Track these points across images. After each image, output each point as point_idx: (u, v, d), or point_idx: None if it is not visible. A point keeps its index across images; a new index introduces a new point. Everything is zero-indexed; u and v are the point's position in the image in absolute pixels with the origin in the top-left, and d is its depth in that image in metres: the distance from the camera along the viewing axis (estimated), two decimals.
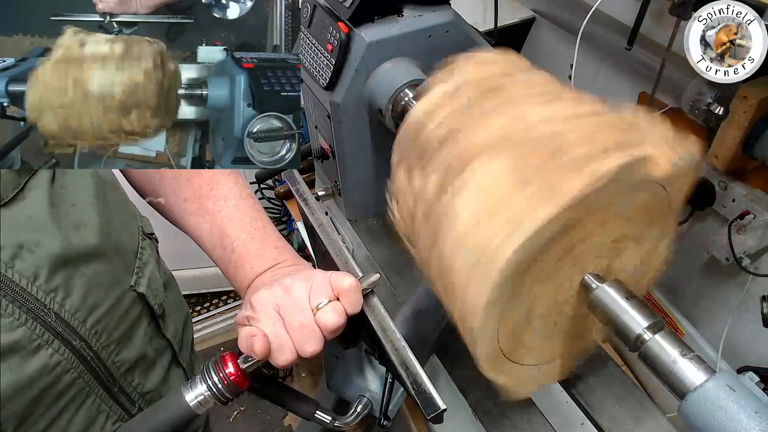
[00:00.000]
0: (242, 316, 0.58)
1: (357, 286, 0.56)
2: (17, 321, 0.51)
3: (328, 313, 0.54)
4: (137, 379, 0.66)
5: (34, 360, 0.52)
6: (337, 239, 0.71)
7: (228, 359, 0.57)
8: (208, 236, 0.67)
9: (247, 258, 0.64)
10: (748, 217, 0.96)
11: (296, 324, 0.54)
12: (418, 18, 0.79)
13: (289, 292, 0.55)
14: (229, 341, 2.24)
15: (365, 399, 0.65)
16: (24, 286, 0.51)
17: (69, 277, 0.55)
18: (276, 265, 0.64)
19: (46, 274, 0.53)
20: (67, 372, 0.55)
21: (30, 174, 0.53)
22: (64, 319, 0.54)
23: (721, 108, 0.84)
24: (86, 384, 0.58)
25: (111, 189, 0.66)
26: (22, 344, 0.51)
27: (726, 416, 0.46)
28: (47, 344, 0.53)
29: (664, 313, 1.25)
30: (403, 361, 0.56)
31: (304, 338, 0.54)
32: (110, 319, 0.60)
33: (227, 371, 0.56)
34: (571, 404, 0.72)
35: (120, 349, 0.62)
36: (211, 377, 0.56)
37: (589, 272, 0.58)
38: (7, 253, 0.50)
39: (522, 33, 1.43)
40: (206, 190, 0.68)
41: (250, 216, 0.67)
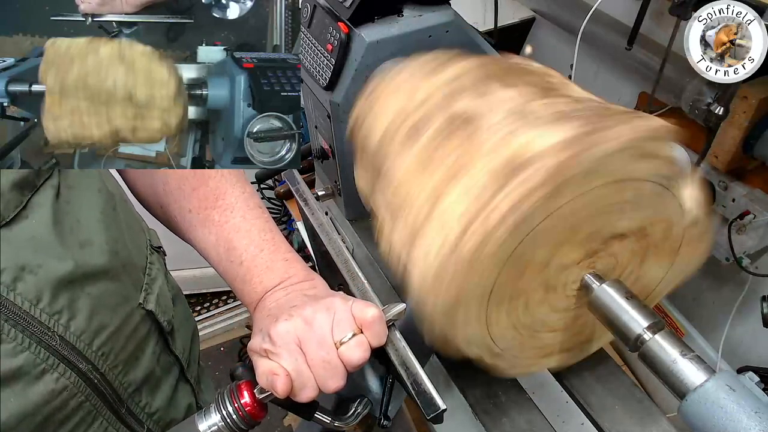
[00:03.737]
0: (259, 347, 0.54)
1: (381, 318, 0.54)
2: (20, 346, 0.49)
3: (353, 348, 0.52)
4: (145, 399, 0.63)
5: (39, 385, 0.50)
6: (337, 239, 0.71)
7: (244, 389, 0.55)
8: (214, 249, 0.64)
9: (255, 272, 0.62)
10: (748, 217, 0.96)
11: (319, 360, 0.52)
12: (418, 18, 0.79)
13: (311, 324, 0.53)
14: (229, 341, 2.25)
15: (365, 399, 0.65)
16: (27, 309, 0.49)
17: (74, 298, 0.53)
18: (286, 279, 0.61)
19: (50, 295, 0.51)
20: (73, 396, 0.53)
21: (33, 190, 0.51)
22: (70, 342, 0.52)
23: (721, 108, 0.84)
24: (93, 407, 0.56)
25: (119, 203, 0.64)
26: (26, 370, 0.49)
27: (726, 416, 0.46)
28: (52, 369, 0.51)
29: (664, 313, 1.25)
30: (403, 361, 0.56)
31: (327, 375, 0.52)
32: (117, 340, 0.58)
33: (243, 401, 0.54)
34: (571, 404, 0.72)
35: (128, 370, 0.60)
36: (226, 407, 0.54)
37: (589, 272, 0.58)
38: (8, 276, 0.48)
39: (522, 33, 1.43)
40: (212, 200, 0.65)
41: (258, 227, 0.64)
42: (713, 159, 0.96)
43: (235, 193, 0.66)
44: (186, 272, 2.15)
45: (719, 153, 0.95)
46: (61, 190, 0.54)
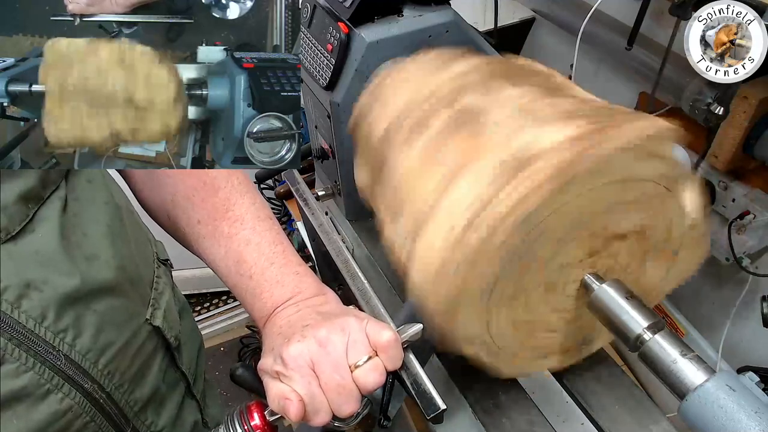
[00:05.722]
0: (271, 368, 0.53)
1: (397, 341, 0.53)
2: (24, 366, 0.47)
3: (368, 372, 0.51)
4: (150, 418, 0.62)
5: (42, 406, 0.49)
6: (337, 239, 0.71)
7: (254, 410, 0.54)
8: (223, 261, 0.62)
9: (265, 286, 0.60)
10: (748, 217, 0.96)
11: (333, 384, 0.50)
12: (418, 18, 0.79)
13: (325, 347, 0.51)
14: (229, 341, 2.25)
15: (365, 399, 0.65)
16: (31, 327, 0.47)
17: (79, 316, 0.51)
18: (297, 294, 0.60)
19: (55, 313, 0.49)
20: (78, 417, 0.52)
21: (39, 203, 0.50)
22: (75, 361, 0.51)
23: (721, 108, 0.84)
24: (98, 427, 0.54)
25: (126, 215, 0.63)
26: (29, 390, 0.48)
27: (726, 416, 0.46)
28: (57, 389, 0.49)
29: (664, 313, 1.25)
30: (403, 362, 0.56)
31: (341, 400, 0.51)
32: (124, 357, 0.56)
33: (252, 424, 0.53)
34: (571, 404, 0.72)
35: (134, 388, 0.58)
36: (236, 429, 0.53)
37: (589, 272, 0.58)
38: (12, 293, 0.46)
39: (522, 33, 1.43)
40: (221, 211, 0.63)
41: (268, 239, 0.62)
42: (713, 159, 0.96)
43: (245, 204, 0.64)
44: (186, 272, 2.15)
45: (719, 153, 0.95)
46: (68, 203, 0.53)
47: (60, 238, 0.50)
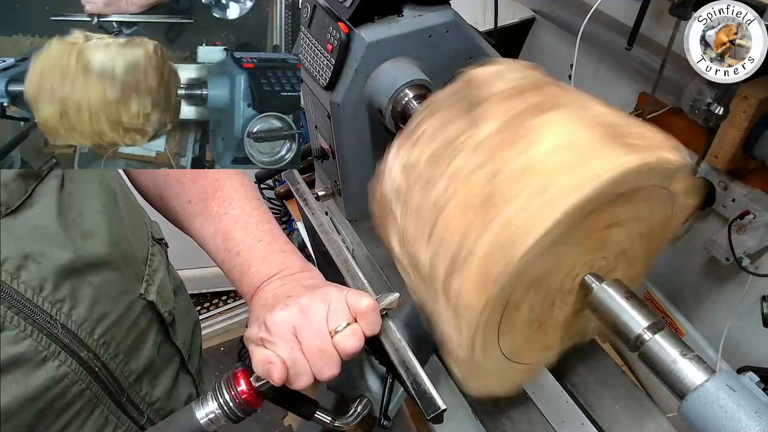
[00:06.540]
0: (255, 336, 0.55)
1: (375, 307, 0.55)
2: (23, 333, 0.50)
3: (347, 337, 0.53)
4: (145, 389, 0.64)
5: (40, 372, 0.51)
6: (337, 239, 0.71)
7: (240, 377, 0.55)
8: (212, 239, 0.65)
9: (252, 262, 0.62)
10: (748, 217, 0.96)
11: (314, 349, 0.52)
12: (418, 18, 0.79)
13: (307, 314, 0.53)
14: (229, 341, 2.25)
15: (365, 399, 0.65)
16: (30, 297, 0.50)
17: (76, 287, 0.54)
18: (283, 269, 0.62)
19: (53, 284, 0.52)
20: (74, 384, 0.54)
21: (37, 180, 0.52)
22: (71, 330, 0.53)
23: (721, 108, 0.84)
24: (94, 395, 0.57)
25: (121, 195, 0.65)
26: (28, 356, 0.50)
27: (726, 416, 0.46)
28: (54, 356, 0.52)
29: (664, 313, 1.25)
30: (403, 361, 0.56)
31: (322, 363, 0.53)
32: (119, 329, 0.59)
33: (239, 389, 0.55)
34: (571, 404, 0.72)
35: (128, 359, 0.61)
36: (223, 395, 0.55)
37: (589, 272, 0.58)
38: (12, 264, 0.49)
39: (522, 33, 1.43)
40: (211, 191, 0.66)
41: (256, 218, 0.65)
42: (713, 159, 0.96)
43: (233, 185, 0.67)
44: (186, 272, 2.14)
45: (719, 153, 0.95)
46: (65, 182, 0.55)
47: (57, 215, 0.53)
